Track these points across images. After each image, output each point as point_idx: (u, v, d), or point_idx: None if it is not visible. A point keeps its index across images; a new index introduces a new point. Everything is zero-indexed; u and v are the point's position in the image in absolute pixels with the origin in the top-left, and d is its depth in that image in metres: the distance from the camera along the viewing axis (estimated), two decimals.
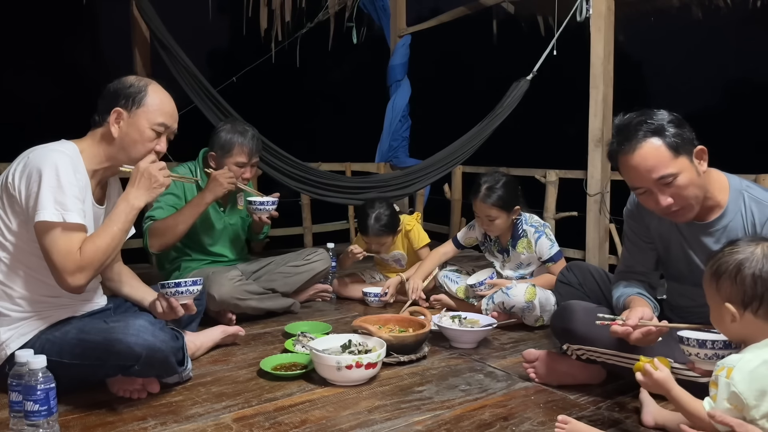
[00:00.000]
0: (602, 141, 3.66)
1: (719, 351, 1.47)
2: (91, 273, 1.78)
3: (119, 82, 1.94)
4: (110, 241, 1.81)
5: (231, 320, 2.71)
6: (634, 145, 1.71)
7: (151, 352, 1.75)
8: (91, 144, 1.92)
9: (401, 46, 5.32)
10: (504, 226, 2.92)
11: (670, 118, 1.73)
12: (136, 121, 1.90)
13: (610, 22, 3.67)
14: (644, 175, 1.72)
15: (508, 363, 2.32)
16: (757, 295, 1.36)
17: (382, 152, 5.42)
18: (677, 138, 1.70)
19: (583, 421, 1.72)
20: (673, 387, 1.42)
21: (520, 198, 2.94)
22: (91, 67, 15.25)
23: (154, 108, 1.92)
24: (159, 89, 1.97)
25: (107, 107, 1.90)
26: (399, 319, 2.49)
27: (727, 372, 1.29)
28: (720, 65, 18.26)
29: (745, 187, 1.80)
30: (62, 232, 1.73)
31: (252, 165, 2.92)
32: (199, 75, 3.84)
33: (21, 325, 1.84)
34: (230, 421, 1.77)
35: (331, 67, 14.24)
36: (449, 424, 1.77)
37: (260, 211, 2.86)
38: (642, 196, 1.79)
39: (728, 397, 1.28)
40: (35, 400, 1.51)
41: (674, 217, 1.78)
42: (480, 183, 2.90)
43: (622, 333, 1.73)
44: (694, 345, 1.50)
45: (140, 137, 1.91)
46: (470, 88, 14.29)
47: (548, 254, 2.86)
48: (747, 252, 1.40)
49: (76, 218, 1.75)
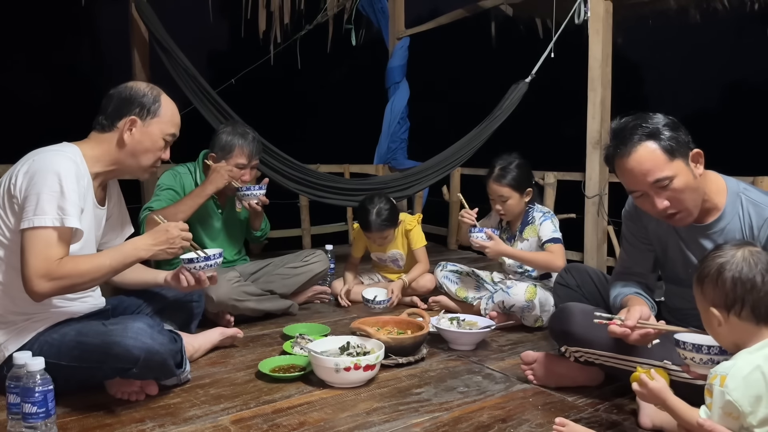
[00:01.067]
0: (600, 143, 3.66)
1: (715, 356, 1.47)
2: (57, 286, 1.73)
3: (131, 89, 1.96)
4: (94, 270, 1.78)
5: (229, 322, 2.71)
6: (630, 149, 1.72)
7: (149, 354, 1.75)
8: (94, 147, 1.93)
9: (400, 48, 5.33)
10: (516, 208, 2.92)
11: (665, 122, 1.74)
12: (150, 130, 1.95)
13: (608, 24, 3.68)
14: (640, 178, 1.72)
15: (506, 365, 2.32)
16: (738, 297, 1.37)
17: (380, 154, 5.43)
18: (672, 141, 1.70)
19: (581, 423, 1.72)
20: (668, 397, 1.42)
21: (533, 181, 2.96)
22: (89, 69, 15.26)
23: (167, 119, 1.98)
24: (169, 100, 2.02)
25: (119, 114, 1.92)
26: (397, 321, 2.49)
27: (720, 380, 1.29)
28: (718, 68, 18.31)
29: (743, 189, 1.81)
30: (47, 238, 1.71)
31: (252, 167, 2.93)
32: (199, 77, 3.84)
33: (19, 327, 1.84)
34: (228, 423, 1.77)
35: (330, 69, 14.25)
36: (447, 426, 1.77)
37: (248, 197, 2.87)
38: (639, 200, 1.80)
39: (723, 405, 1.28)
40: (33, 402, 1.51)
41: (673, 221, 1.78)
42: (494, 164, 2.92)
43: (621, 334, 1.73)
44: (690, 349, 1.51)
45: (152, 146, 1.96)
46: (469, 90, 14.32)
47: (549, 236, 2.82)
48: (728, 255, 1.41)
49: (73, 222, 1.75)
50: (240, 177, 2.86)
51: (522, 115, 4.20)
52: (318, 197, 4.26)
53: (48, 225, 1.71)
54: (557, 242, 2.82)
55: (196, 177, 2.93)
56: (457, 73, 16.11)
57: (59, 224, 1.72)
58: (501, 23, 5.58)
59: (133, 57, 4.31)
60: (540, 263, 2.79)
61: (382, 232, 3.18)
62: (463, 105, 11.22)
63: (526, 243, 2.92)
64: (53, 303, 1.88)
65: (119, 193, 2.18)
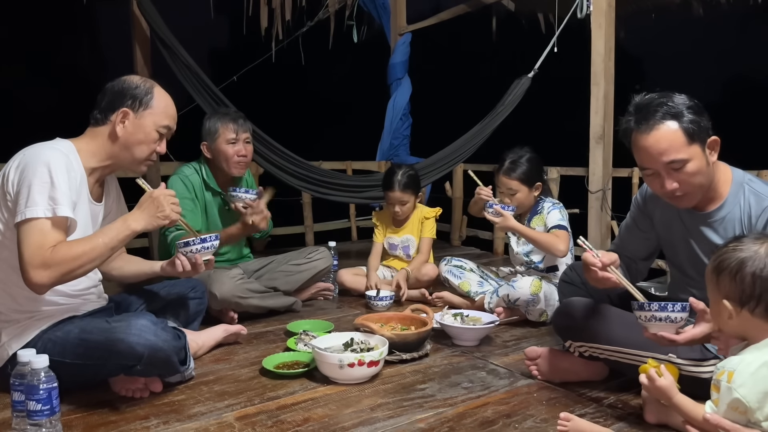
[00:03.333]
0: (603, 138, 3.66)
1: (671, 314, 1.58)
2: (55, 274, 1.70)
3: (123, 82, 1.95)
4: (89, 250, 1.74)
5: (233, 319, 2.71)
6: (651, 126, 1.70)
7: (153, 351, 1.75)
8: (89, 142, 1.93)
9: (401, 44, 5.32)
10: (525, 201, 2.92)
11: (690, 104, 1.72)
12: (143, 122, 1.93)
13: (610, 18, 3.66)
14: (655, 156, 1.71)
15: (510, 360, 2.31)
16: (755, 294, 1.35)
17: (383, 151, 5.42)
18: (694, 125, 1.69)
19: (586, 418, 1.71)
20: (675, 395, 1.42)
21: (543, 176, 2.97)
22: (90, 66, 15.26)
23: (160, 110, 1.97)
24: (163, 92, 2.00)
25: (111, 106, 1.92)
26: (401, 317, 2.48)
27: (728, 376, 1.29)
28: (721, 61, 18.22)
29: (748, 180, 1.81)
30: (40, 228, 1.70)
31: (245, 141, 2.94)
32: (202, 74, 3.84)
33: (23, 325, 1.84)
34: (233, 419, 1.77)
35: (332, 66, 14.22)
36: (452, 421, 1.77)
37: (234, 199, 2.86)
38: (649, 178, 1.79)
39: (731, 401, 1.27)
40: (38, 400, 1.51)
41: (675, 201, 1.79)
42: (505, 157, 2.93)
43: (592, 263, 1.79)
44: (646, 309, 1.62)
45: (145, 138, 1.94)
46: (471, 86, 14.27)
47: (555, 223, 2.83)
48: (751, 250, 1.38)
49: (65, 212, 1.73)
50: (236, 154, 2.90)
51: (525, 110, 4.19)
52: (321, 194, 4.25)
53: (40, 216, 1.70)
54: (563, 229, 2.82)
55: (203, 174, 2.93)
56: (460, 69, 16.06)
57: (51, 214, 1.71)
58: (503, 18, 5.57)
59: (134, 54, 4.29)
60: (543, 243, 2.78)
61: (403, 192, 3.27)
62: (465, 101, 11.19)
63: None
64: (55, 300, 1.88)
65: (118, 190, 2.18)
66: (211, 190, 2.95)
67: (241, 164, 2.93)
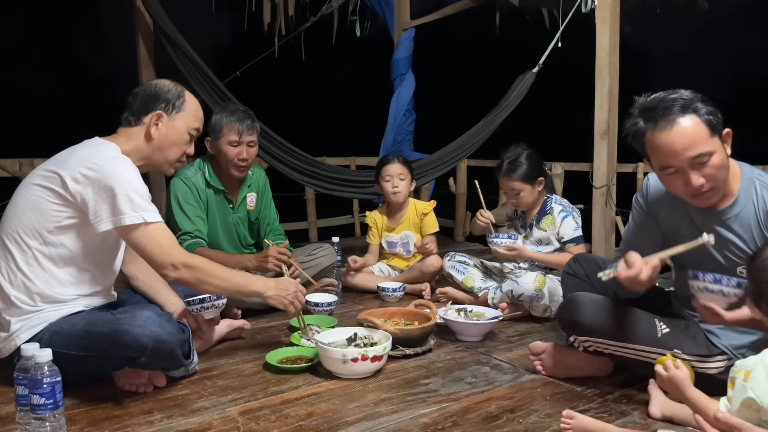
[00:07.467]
0: (608, 133, 3.63)
1: (725, 288, 1.54)
2: (191, 278, 1.89)
3: (156, 85, 2.04)
4: (223, 279, 1.96)
5: (236, 314, 2.70)
6: (671, 121, 1.64)
7: (157, 343, 1.76)
8: (125, 143, 1.98)
9: (405, 39, 5.30)
10: (530, 199, 2.91)
11: (701, 96, 1.68)
12: (176, 124, 2.02)
13: (615, 13, 3.63)
14: (680, 152, 1.64)
15: (514, 355, 2.31)
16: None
17: (386, 146, 5.41)
18: (712, 116, 1.65)
19: (590, 413, 1.71)
20: (688, 388, 1.42)
21: (544, 170, 2.94)
22: (93, 61, 15.28)
23: (191, 113, 2.06)
24: (192, 96, 2.10)
25: (144, 109, 1.99)
26: (404, 312, 2.48)
27: (744, 375, 1.28)
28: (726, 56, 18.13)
29: (757, 175, 1.77)
30: (161, 230, 1.86)
31: (248, 144, 2.86)
32: (206, 68, 3.84)
33: (32, 317, 1.85)
34: (236, 414, 1.78)
35: (335, 61, 14.21)
36: (456, 416, 1.77)
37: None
38: (670, 177, 1.71)
39: (744, 399, 1.27)
40: (41, 394, 1.51)
41: (700, 198, 1.71)
42: (502, 159, 2.91)
43: (635, 274, 1.66)
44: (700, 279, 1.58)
45: (178, 140, 2.03)
46: (475, 81, 14.23)
47: (571, 235, 2.82)
48: None
49: (156, 217, 1.85)
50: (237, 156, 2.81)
51: (529, 105, 4.17)
52: (325, 189, 4.25)
53: (158, 220, 1.85)
54: (580, 241, 2.82)
55: (206, 173, 2.91)
56: (464, 64, 16.01)
57: (160, 219, 1.86)
58: (507, 13, 5.53)
59: (138, 49, 4.30)
60: (561, 264, 2.71)
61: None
62: (469, 96, 11.15)
63: (544, 234, 2.90)
64: (67, 299, 1.89)
65: None
66: (213, 188, 2.93)
67: (240, 167, 2.87)
